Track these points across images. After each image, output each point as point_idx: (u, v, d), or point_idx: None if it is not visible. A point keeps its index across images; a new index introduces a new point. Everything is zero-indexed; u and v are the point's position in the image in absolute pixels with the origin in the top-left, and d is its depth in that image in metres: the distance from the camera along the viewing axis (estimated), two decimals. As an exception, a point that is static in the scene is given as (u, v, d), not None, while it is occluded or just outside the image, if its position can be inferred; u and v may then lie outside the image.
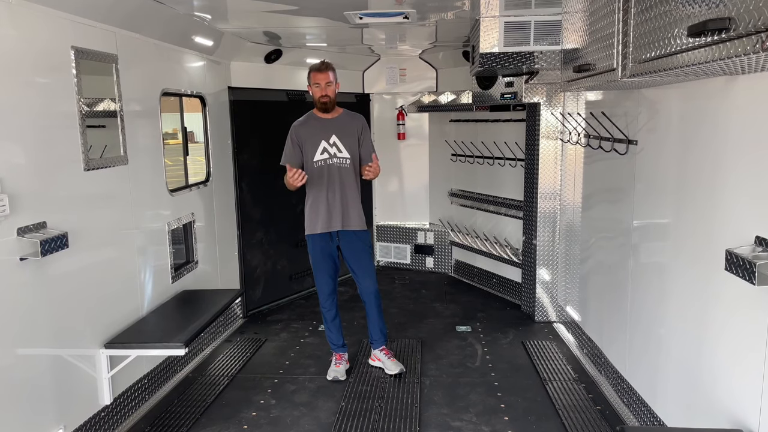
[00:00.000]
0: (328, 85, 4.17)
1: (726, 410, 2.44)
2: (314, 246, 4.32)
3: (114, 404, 3.56)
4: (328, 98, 4.19)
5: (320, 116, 4.29)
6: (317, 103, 4.23)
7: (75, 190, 3.26)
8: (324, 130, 4.24)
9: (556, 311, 5.41)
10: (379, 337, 4.48)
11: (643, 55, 2.30)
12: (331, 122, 4.26)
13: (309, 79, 4.22)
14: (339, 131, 4.24)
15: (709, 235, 2.59)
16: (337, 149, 4.22)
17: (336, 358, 4.47)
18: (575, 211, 5.07)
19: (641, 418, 3.43)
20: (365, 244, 4.38)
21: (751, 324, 2.23)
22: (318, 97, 4.20)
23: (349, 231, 4.26)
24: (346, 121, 4.30)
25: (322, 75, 4.15)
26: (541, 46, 4.34)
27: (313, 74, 4.18)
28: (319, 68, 4.17)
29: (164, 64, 4.41)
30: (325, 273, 4.35)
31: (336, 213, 4.22)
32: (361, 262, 4.35)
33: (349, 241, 4.29)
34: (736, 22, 1.55)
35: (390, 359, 4.44)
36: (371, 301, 4.40)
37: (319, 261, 4.33)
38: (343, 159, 4.23)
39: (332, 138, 4.22)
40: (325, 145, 4.21)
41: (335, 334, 4.47)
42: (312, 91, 4.23)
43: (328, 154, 4.21)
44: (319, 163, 4.22)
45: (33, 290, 2.90)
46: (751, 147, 2.27)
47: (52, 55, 3.11)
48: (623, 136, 3.64)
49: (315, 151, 4.22)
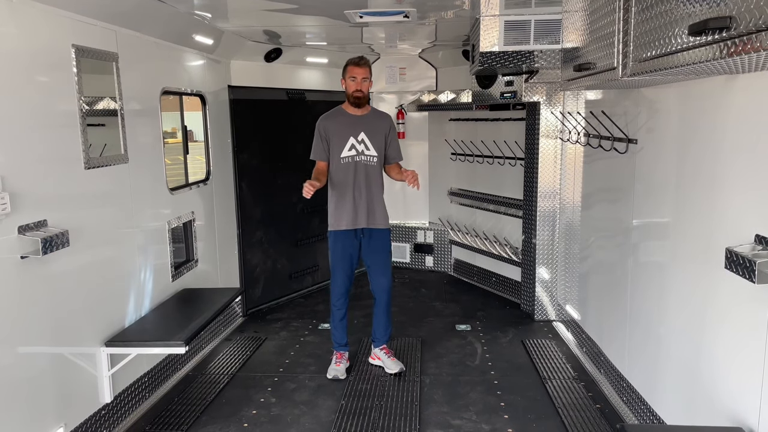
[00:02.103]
0: (364, 81, 4.15)
1: (725, 408, 2.44)
2: (336, 242, 4.28)
3: (114, 402, 3.56)
4: (361, 93, 4.17)
5: (349, 112, 4.26)
6: (350, 97, 4.20)
7: (76, 189, 3.27)
8: (353, 126, 4.22)
9: (556, 310, 5.42)
10: (382, 336, 4.49)
11: (643, 54, 2.30)
12: (360, 119, 4.24)
13: (344, 72, 4.19)
14: (368, 129, 4.22)
15: (708, 233, 2.59)
16: (365, 147, 4.20)
17: (337, 356, 4.46)
18: (575, 210, 5.07)
19: (641, 417, 3.44)
20: (387, 243, 4.39)
21: (751, 322, 2.24)
22: (352, 91, 4.17)
23: (374, 229, 4.25)
24: (374, 120, 4.29)
25: (360, 70, 4.13)
26: (541, 45, 4.34)
27: (350, 67, 4.15)
28: (358, 63, 4.15)
29: (164, 63, 4.41)
30: (343, 271, 4.31)
31: (362, 210, 4.20)
32: (380, 260, 4.34)
33: (373, 239, 4.28)
34: (737, 20, 1.55)
35: (390, 358, 4.44)
36: (382, 299, 4.40)
37: (339, 258, 4.29)
38: (370, 157, 4.21)
39: (361, 135, 4.20)
40: (353, 142, 4.19)
41: (340, 332, 4.45)
42: (346, 85, 4.19)
43: (355, 151, 4.19)
44: (346, 160, 4.19)
45: (34, 288, 2.91)
46: (751, 145, 2.28)
47: (53, 53, 3.11)
48: (623, 135, 3.65)
49: (343, 147, 4.19)
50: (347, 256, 4.28)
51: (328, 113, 4.35)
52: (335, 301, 4.39)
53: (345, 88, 4.22)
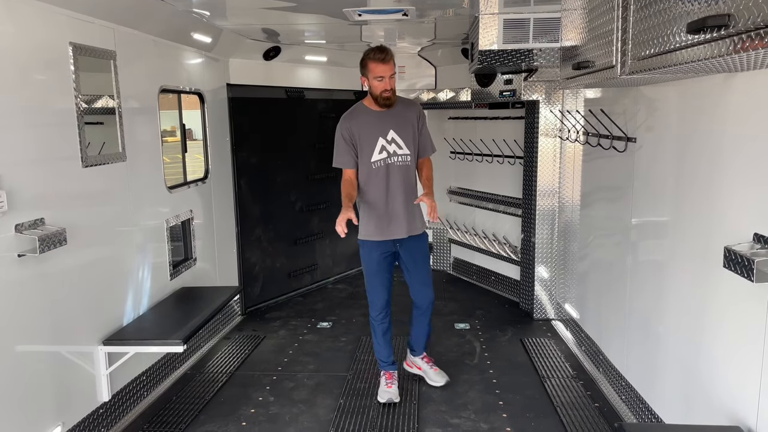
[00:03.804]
0: (392, 78, 3.60)
1: (724, 407, 2.44)
2: (370, 253, 3.82)
3: (112, 401, 3.56)
4: (390, 93, 3.62)
5: (373, 108, 3.73)
6: (379, 98, 3.64)
7: (73, 187, 3.26)
8: (379, 124, 3.69)
9: (555, 309, 5.42)
10: (422, 345, 4.12)
11: (642, 52, 2.30)
12: (386, 115, 3.70)
13: (366, 71, 3.61)
14: (396, 124, 3.70)
15: (707, 232, 2.59)
16: (396, 146, 3.69)
17: (386, 377, 3.97)
18: (574, 209, 5.06)
19: (639, 415, 3.43)
20: (426, 248, 3.99)
21: (750, 321, 2.24)
22: (380, 92, 3.60)
23: (413, 236, 3.83)
24: (401, 111, 3.74)
25: (386, 66, 3.55)
26: (540, 44, 4.33)
27: (372, 65, 3.56)
28: (382, 59, 3.54)
29: (163, 61, 4.40)
30: (380, 283, 3.85)
31: (399, 220, 3.74)
32: (422, 269, 3.91)
33: (411, 247, 3.85)
34: (736, 18, 1.55)
35: (433, 368, 4.09)
36: (426, 310, 3.96)
37: (375, 271, 3.84)
38: (403, 156, 3.71)
39: (390, 133, 3.68)
40: (383, 143, 3.68)
41: (386, 349, 3.98)
42: (371, 85, 3.63)
43: (386, 153, 3.68)
44: (377, 164, 3.69)
45: (31, 287, 2.90)
46: (750, 144, 2.28)
47: (50, 51, 3.10)
48: (622, 134, 3.64)
49: (372, 150, 3.67)
50: (384, 267, 3.84)
51: (348, 113, 3.79)
52: (376, 315, 3.92)
53: (368, 88, 3.67)
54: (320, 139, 6.56)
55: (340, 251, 7.01)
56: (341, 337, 5.13)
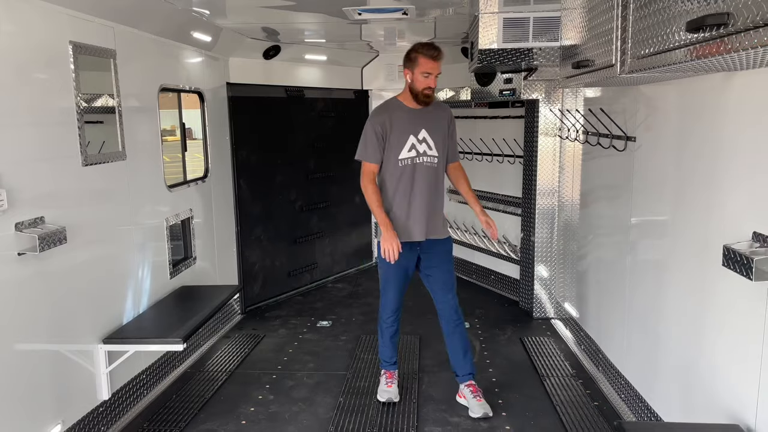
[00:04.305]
0: (437, 77, 3.56)
1: (723, 405, 2.44)
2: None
3: (112, 399, 3.56)
4: (431, 92, 3.57)
5: (408, 105, 3.65)
6: (419, 95, 3.56)
7: (73, 186, 3.26)
8: (413, 122, 3.62)
9: (554, 308, 5.42)
10: (462, 366, 3.80)
11: (641, 51, 2.30)
12: (420, 114, 3.64)
13: (414, 65, 3.52)
14: (429, 124, 3.63)
15: (706, 231, 2.59)
16: (426, 146, 3.62)
17: (387, 376, 3.96)
18: (573, 208, 5.07)
19: (638, 414, 3.44)
20: (450, 253, 3.84)
21: (749, 319, 2.24)
22: (422, 88, 3.53)
23: (435, 240, 3.73)
24: (434, 112, 3.70)
25: (437, 65, 3.50)
26: (539, 43, 4.33)
27: (423, 61, 3.49)
28: (435, 56, 3.49)
29: (162, 60, 4.41)
30: (395, 288, 3.78)
31: (421, 221, 3.64)
32: (445, 274, 3.80)
33: (434, 251, 3.74)
34: (735, 17, 1.55)
35: (476, 398, 3.73)
36: (452, 319, 3.78)
37: (392, 274, 3.74)
38: (432, 158, 3.63)
39: (421, 133, 3.61)
40: (413, 141, 3.60)
41: (390, 350, 3.94)
42: (415, 80, 3.54)
43: (416, 152, 3.60)
44: (405, 162, 3.61)
45: (31, 285, 2.90)
46: (749, 143, 2.28)
47: (50, 50, 3.10)
48: (621, 133, 3.64)
49: (401, 147, 3.60)
50: (402, 271, 3.73)
51: (381, 106, 3.73)
52: (386, 318, 3.86)
53: (410, 81, 3.57)
54: (320, 139, 6.57)
55: (340, 250, 7.02)
56: (341, 336, 5.13)
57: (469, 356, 3.83)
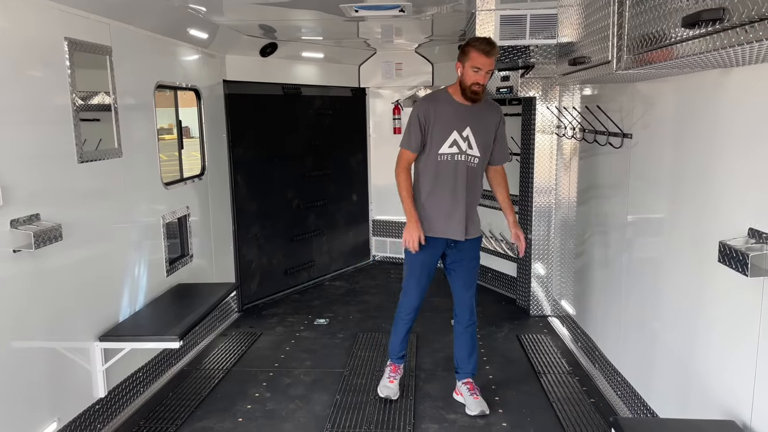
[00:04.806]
0: (488, 74, 3.43)
1: (718, 401, 2.45)
2: (418, 251, 3.61)
3: (108, 397, 3.55)
4: (480, 88, 3.44)
5: (456, 99, 3.55)
6: (467, 90, 3.45)
7: (69, 183, 3.25)
8: (459, 117, 3.52)
9: (551, 305, 5.43)
10: (465, 365, 3.82)
11: (637, 47, 2.30)
12: (467, 110, 3.53)
13: (466, 58, 3.42)
14: (475, 123, 3.53)
15: (702, 227, 2.59)
16: (468, 145, 3.52)
17: (391, 369, 3.93)
18: (570, 206, 5.07)
19: (634, 410, 3.44)
20: (477, 252, 3.77)
21: (744, 315, 2.25)
22: (471, 83, 3.42)
23: (469, 239, 3.66)
24: (483, 112, 3.58)
25: (489, 60, 3.37)
26: (536, 40, 4.34)
27: (475, 55, 3.37)
28: (488, 51, 3.36)
29: (159, 57, 4.39)
30: (419, 283, 3.73)
31: (457, 219, 3.56)
32: (468, 272, 3.73)
33: (464, 250, 3.67)
34: (731, 12, 1.55)
35: (473, 396, 3.74)
36: (465, 318, 3.77)
37: (417, 269, 3.70)
38: (472, 157, 3.54)
39: (466, 130, 3.51)
40: (456, 137, 3.50)
41: (401, 344, 3.92)
42: (464, 73, 3.44)
43: (457, 149, 3.51)
44: (444, 157, 3.52)
45: (27, 282, 2.89)
46: (744, 139, 2.28)
47: (46, 46, 3.09)
48: (618, 130, 3.65)
49: (443, 141, 3.51)
50: (426, 267, 3.69)
51: (430, 95, 3.69)
52: (405, 315, 3.83)
53: (460, 75, 3.47)
54: (317, 136, 6.57)
55: (337, 248, 7.01)
56: (338, 334, 5.13)
57: (473, 358, 3.83)
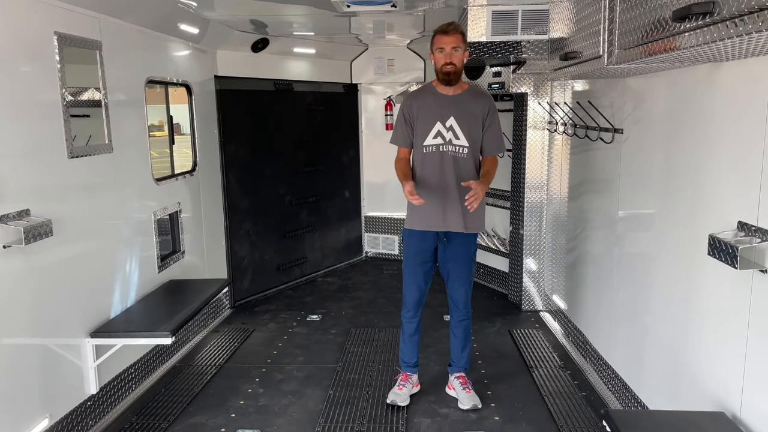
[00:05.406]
0: (455, 51, 3.38)
1: (709, 392, 2.47)
2: (411, 244, 3.66)
3: (100, 393, 3.54)
4: (453, 67, 3.40)
5: (440, 90, 3.54)
6: (439, 73, 3.46)
7: (59, 178, 3.23)
8: (441, 108, 3.50)
9: (543, 300, 5.45)
10: (457, 359, 3.84)
11: (628, 42, 2.31)
12: (451, 100, 3.52)
13: (432, 44, 3.46)
14: (459, 112, 3.49)
15: (692, 221, 2.62)
16: (453, 134, 3.48)
17: (401, 378, 3.83)
18: (562, 202, 5.10)
19: (625, 403, 3.47)
20: (471, 248, 3.69)
21: (734, 308, 2.27)
22: (441, 65, 3.42)
23: (462, 234, 3.59)
24: (469, 101, 3.53)
25: (449, 38, 3.37)
26: (528, 36, 4.34)
27: (437, 37, 3.42)
28: (445, 30, 3.39)
29: (149, 52, 4.36)
30: (415, 279, 3.69)
31: (452, 211, 3.51)
32: (464, 268, 3.68)
33: (457, 244, 3.62)
34: (720, 5, 1.56)
35: (465, 390, 3.74)
36: (459, 314, 3.76)
37: (413, 264, 3.68)
38: (459, 147, 3.49)
39: (449, 120, 3.48)
40: (439, 128, 3.49)
41: (410, 350, 3.83)
42: (434, 59, 3.46)
43: (441, 139, 3.49)
44: (429, 149, 3.51)
45: (17, 278, 2.87)
46: (734, 133, 2.30)
47: (35, 41, 3.06)
48: (609, 126, 3.67)
49: (427, 133, 3.50)
50: (421, 262, 3.65)
51: (415, 90, 3.73)
52: (405, 312, 3.78)
53: (434, 64, 3.50)
54: (309, 132, 6.55)
55: (330, 245, 7.01)
56: (331, 330, 5.13)
57: (466, 352, 3.84)
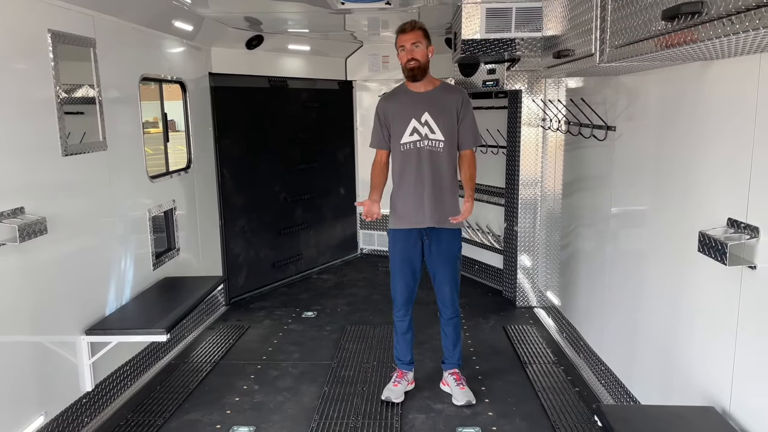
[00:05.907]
0: (416, 47, 3.44)
1: (699, 388, 2.50)
2: (395, 243, 3.69)
3: (96, 390, 3.54)
4: (416, 62, 3.46)
5: (411, 89, 3.61)
6: (404, 70, 3.53)
7: (53, 176, 3.22)
8: (414, 105, 3.55)
9: (537, 297, 5.48)
10: (450, 356, 3.87)
11: (619, 41, 2.33)
12: (423, 96, 3.57)
13: (396, 44, 3.55)
14: (432, 107, 3.54)
15: (683, 218, 2.64)
16: (429, 129, 3.52)
17: (397, 375, 3.87)
18: (555, 198, 5.12)
19: (618, 398, 3.50)
20: (455, 246, 3.72)
21: (723, 304, 2.29)
22: (404, 62, 3.49)
23: (442, 229, 3.62)
24: (441, 96, 3.59)
25: (408, 35, 3.44)
26: (522, 33, 4.36)
27: (398, 37, 3.49)
28: (404, 28, 3.46)
29: (143, 49, 4.36)
30: (402, 278, 3.71)
31: (428, 207, 3.55)
32: (448, 267, 3.69)
33: (440, 241, 3.64)
34: (709, 5, 1.58)
35: (459, 386, 3.78)
36: (448, 312, 3.78)
37: (398, 262, 3.71)
38: (435, 142, 3.53)
39: (424, 116, 3.53)
40: (415, 125, 3.53)
41: (404, 348, 3.86)
42: (399, 58, 3.54)
43: (418, 135, 3.53)
44: (407, 146, 3.55)
45: (12, 276, 2.87)
46: (724, 132, 2.32)
47: (29, 38, 3.06)
48: (602, 123, 3.69)
49: (403, 131, 3.55)
50: (408, 259, 3.67)
51: (388, 92, 3.79)
52: (395, 312, 3.81)
53: (400, 62, 3.57)
54: (304, 129, 6.55)
55: (325, 242, 7.02)
56: (326, 327, 5.15)
57: (458, 348, 3.88)
